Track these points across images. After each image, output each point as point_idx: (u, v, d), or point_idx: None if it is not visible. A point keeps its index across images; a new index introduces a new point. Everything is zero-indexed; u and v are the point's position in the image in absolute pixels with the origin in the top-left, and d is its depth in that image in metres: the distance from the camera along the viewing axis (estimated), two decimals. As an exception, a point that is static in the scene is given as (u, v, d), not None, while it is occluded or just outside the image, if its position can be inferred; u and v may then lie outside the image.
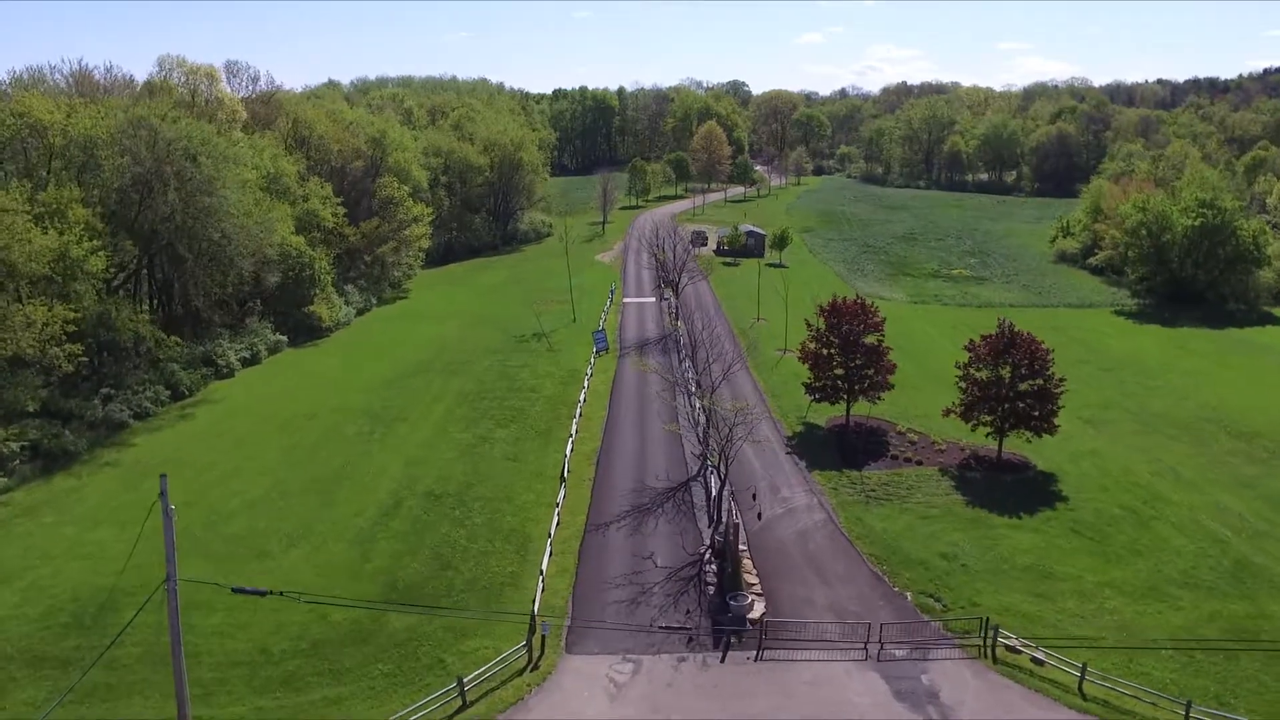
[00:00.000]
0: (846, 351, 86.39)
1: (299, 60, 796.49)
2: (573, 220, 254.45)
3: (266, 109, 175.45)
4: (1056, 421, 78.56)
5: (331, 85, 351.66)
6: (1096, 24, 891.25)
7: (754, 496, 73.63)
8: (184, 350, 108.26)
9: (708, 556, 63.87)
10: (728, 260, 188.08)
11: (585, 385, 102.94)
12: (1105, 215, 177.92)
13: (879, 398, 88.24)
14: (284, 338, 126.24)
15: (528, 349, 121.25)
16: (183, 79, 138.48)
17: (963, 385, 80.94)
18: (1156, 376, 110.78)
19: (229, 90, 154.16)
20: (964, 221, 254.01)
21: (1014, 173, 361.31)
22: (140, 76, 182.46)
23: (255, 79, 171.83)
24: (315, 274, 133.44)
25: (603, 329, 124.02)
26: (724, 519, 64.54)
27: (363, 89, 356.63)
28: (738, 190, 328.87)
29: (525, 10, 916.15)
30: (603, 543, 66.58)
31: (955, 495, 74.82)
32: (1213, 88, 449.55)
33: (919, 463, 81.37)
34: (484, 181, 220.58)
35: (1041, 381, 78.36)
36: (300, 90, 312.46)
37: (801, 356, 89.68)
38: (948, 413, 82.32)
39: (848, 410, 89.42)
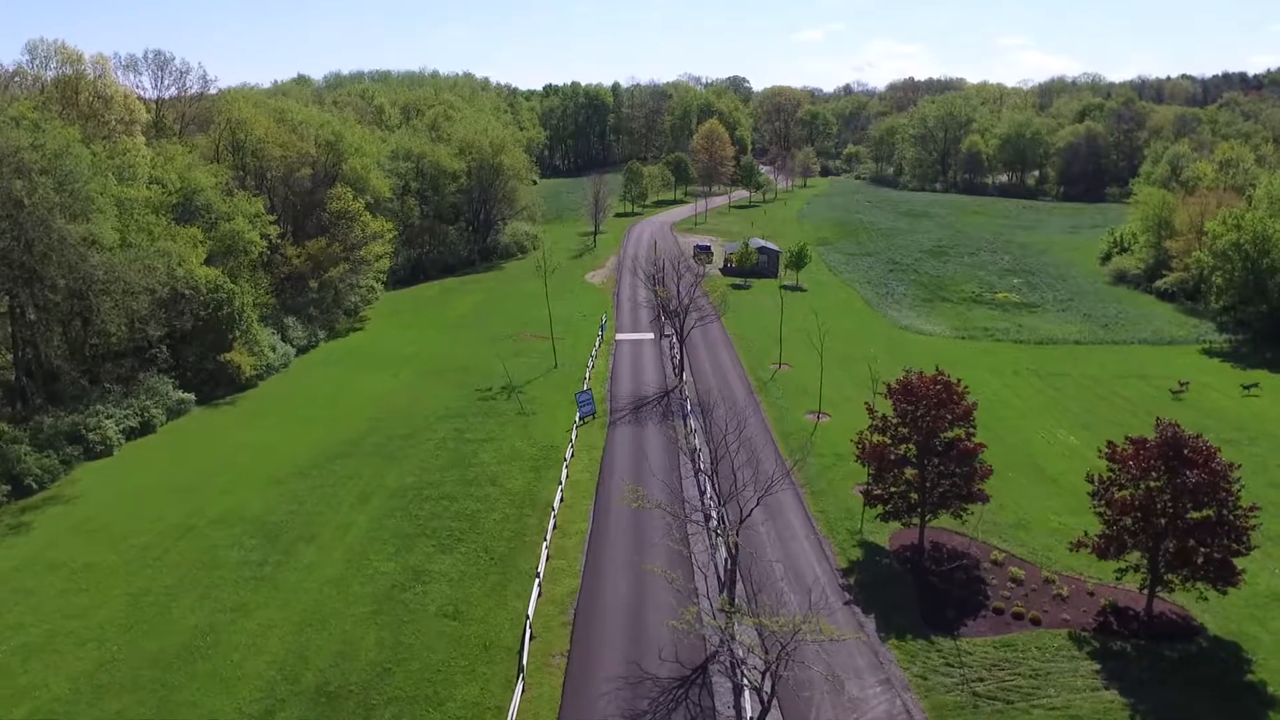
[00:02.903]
0: (925, 451, 61.58)
1: (270, 52, 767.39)
2: (562, 229, 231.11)
3: (199, 109, 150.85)
4: (1241, 568, 53.71)
5: (301, 81, 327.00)
6: (1094, 20, 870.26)
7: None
8: (50, 422, 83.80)
9: None
10: (737, 282, 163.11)
11: (564, 473, 78.01)
12: (1176, 231, 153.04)
13: (967, 511, 63.25)
14: (191, 395, 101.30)
15: (494, 411, 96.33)
16: (57, 70, 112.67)
17: (1101, 509, 55.99)
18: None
19: (128, 85, 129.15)
20: (993, 231, 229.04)
21: (1035, 175, 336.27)
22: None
23: (184, 72, 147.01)
24: (235, 312, 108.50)
25: (588, 389, 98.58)
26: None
27: (335, 84, 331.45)
28: (741, 194, 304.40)
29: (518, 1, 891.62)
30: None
31: (1105, 691, 49.87)
32: (1244, 83, 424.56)
33: (1035, 621, 56.32)
34: (459, 189, 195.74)
35: (1221, 510, 53.23)
36: (269, 86, 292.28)
37: (861, 453, 64.72)
38: (1077, 546, 57.24)
39: (921, 527, 64.47)
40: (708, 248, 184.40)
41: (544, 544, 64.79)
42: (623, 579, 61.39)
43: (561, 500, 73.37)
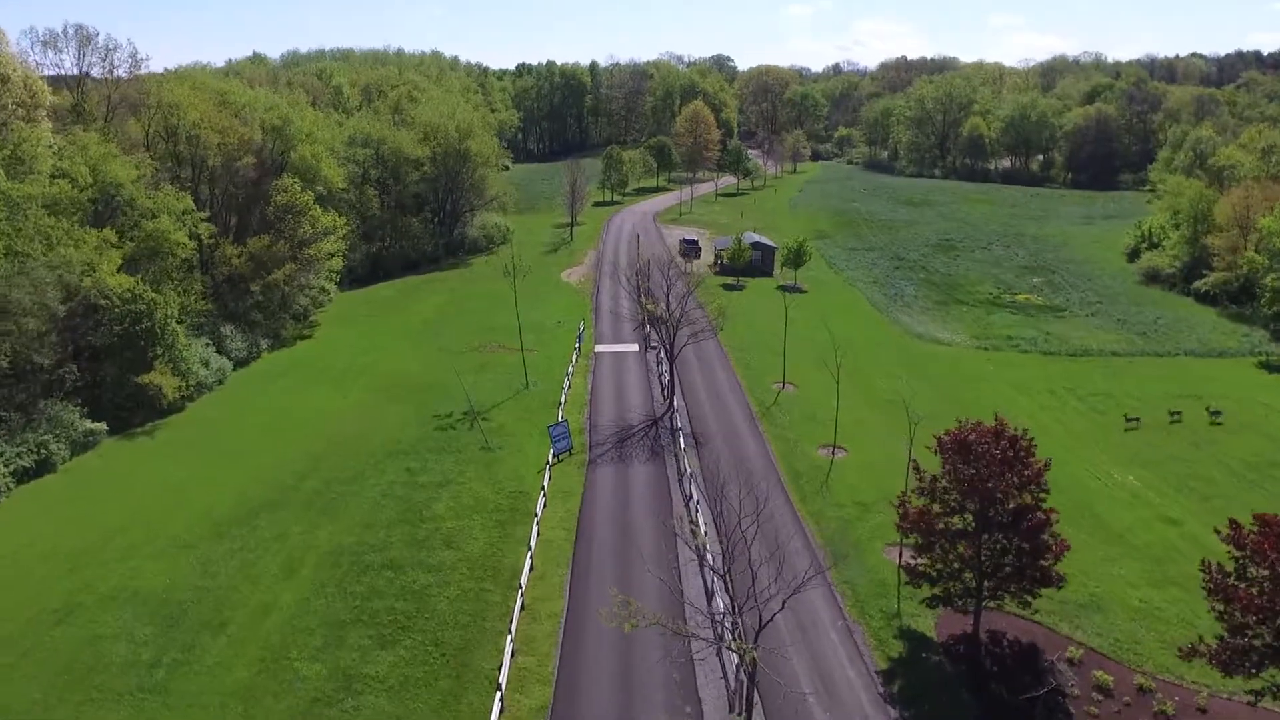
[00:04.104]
0: (984, 522, 50.54)
1: (227, 30, 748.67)
2: (535, 220, 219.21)
3: (129, 91, 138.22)
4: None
5: (256, 60, 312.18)
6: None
7: None
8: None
9: None
10: (729, 282, 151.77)
11: (534, 530, 66.62)
12: (1217, 226, 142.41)
13: (1036, 595, 52.13)
14: (102, 425, 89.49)
15: (453, 445, 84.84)
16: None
17: (1220, 610, 44.79)
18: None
19: (41, 64, 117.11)
20: (1002, 222, 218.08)
21: (1039, 159, 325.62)
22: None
23: (110, 49, 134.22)
24: (156, 326, 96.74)
25: (564, 421, 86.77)
26: None
27: (293, 63, 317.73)
28: (728, 181, 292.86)
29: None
30: None
31: None
32: (1259, 62, 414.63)
33: (1135, 751, 45.53)
34: (423, 177, 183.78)
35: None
36: (223, 65, 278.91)
37: (903, 520, 53.60)
38: (1190, 654, 45.95)
39: (977, 614, 53.42)
40: (695, 243, 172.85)
41: (509, 634, 53.46)
42: (607, 685, 50.24)
43: (531, 569, 62.07)
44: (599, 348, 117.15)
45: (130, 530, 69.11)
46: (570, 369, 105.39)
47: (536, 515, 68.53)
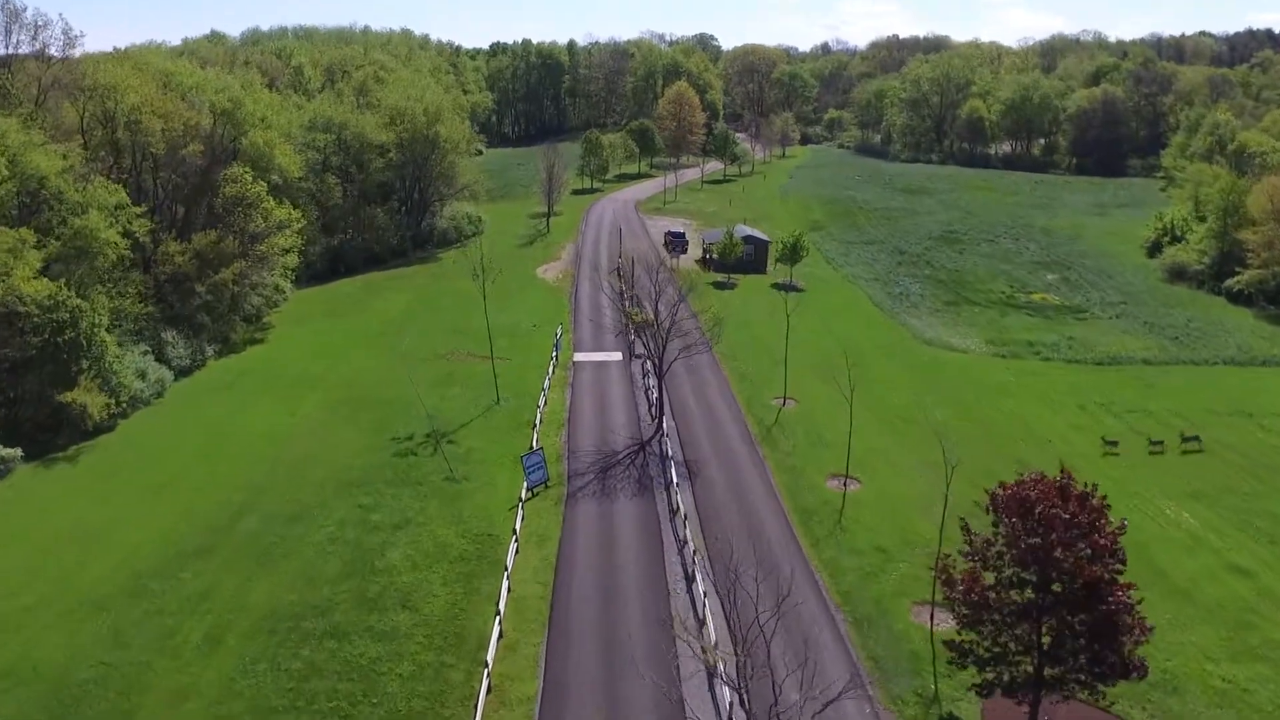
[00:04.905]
0: (1049, 597, 42.85)
1: (181, 7, 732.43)
2: (510, 209, 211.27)
3: (64, 73, 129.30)
4: None
5: (214, 38, 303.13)
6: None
7: None
8: None
9: None
10: (719, 280, 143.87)
11: (505, 586, 58.72)
12: (1249, 218, 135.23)
13: (1111, 684, 44.32)
14: (16, 451, 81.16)
15: (413, 474, 76.89)
16: None
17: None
18: None
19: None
20: (1007, 212, 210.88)
21: (1041, 144, 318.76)
22: None
23: (41, 25, 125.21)
24: (81, 336, 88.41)
25: (539, 450, 78.46)
26: None
27: (254, 41, 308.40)
28: (715, 167, 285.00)
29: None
30: None
31: None
32: (1272, 40, 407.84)
33: None
34: (388, 164, 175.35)
35: None
36: (179, 44, 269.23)
37: (950, 590, 45.71)
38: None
39: (1035, 704, 45.58)
40: (682, 235, 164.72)
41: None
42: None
43: (500, 637, 54.17)
44: (578, 356, 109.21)
45: (34, 585, 60.80)
46: (546, 381, 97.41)
47: (507, 567, 60.52)
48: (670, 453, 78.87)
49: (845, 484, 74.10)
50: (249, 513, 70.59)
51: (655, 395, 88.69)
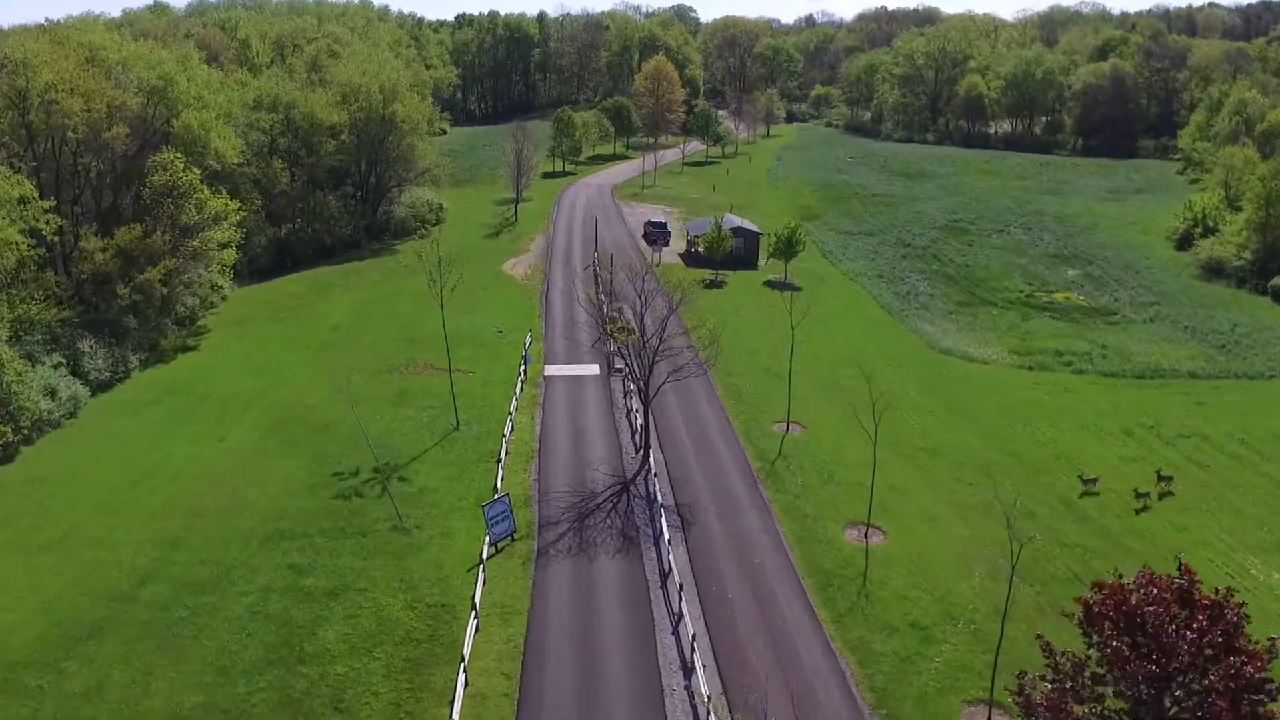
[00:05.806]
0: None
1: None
2: (475, 195, 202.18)
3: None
4: None
5: (158, 10, 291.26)
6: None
7: None
8: None
9: None
10: (707, 277, 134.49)
11: (461, 679, 49.47)
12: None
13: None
14: (-117, 496, 71.68)
15: (355, 522, 67.48)
16: None
17: None
18: None
19: None
20: (1014, 197, 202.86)
21: (1044, 122, 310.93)
22: None
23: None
24: (-31, 355, 78.88)
25: (504, 497, 68.66)
26: None
27: (200, 11, 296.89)
28: (696, 147, 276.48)
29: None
30: None
31: None
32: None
33: None
34: (340, 147, 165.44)
35: None
36: (119, 16, 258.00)
37: (1027, 715, 36.90)
38: None
39: None
40: (664, 226, 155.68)
41: None
42: None
43: (454, 754, 45.05)
44: (550, 369, 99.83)
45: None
46: (514, 402, 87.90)
47: (464, 656, 51.15)
48: (658, 496, 69.70)
49: (867, 535, 65.07)
50: (157, 576, 61.02)
51: (640, 422, 79.36)
